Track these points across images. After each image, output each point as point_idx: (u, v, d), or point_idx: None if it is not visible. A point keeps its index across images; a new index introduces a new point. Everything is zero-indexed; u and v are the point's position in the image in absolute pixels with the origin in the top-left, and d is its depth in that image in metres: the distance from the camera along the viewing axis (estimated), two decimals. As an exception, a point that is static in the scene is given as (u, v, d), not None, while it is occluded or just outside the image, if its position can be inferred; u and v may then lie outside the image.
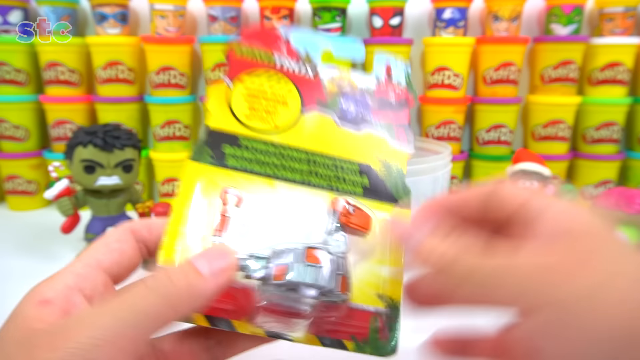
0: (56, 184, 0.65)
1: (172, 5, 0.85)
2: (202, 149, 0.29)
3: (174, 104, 0.87)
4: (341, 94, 0.31)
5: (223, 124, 0.30)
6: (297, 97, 0.31)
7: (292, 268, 0.25)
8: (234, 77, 0.31)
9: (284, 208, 0.28)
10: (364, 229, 0.28)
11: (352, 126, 0.31)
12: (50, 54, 0.85)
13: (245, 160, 0.29)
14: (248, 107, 0.30)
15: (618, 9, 0.86)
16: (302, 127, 0.30)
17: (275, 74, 0.31)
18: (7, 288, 0.58)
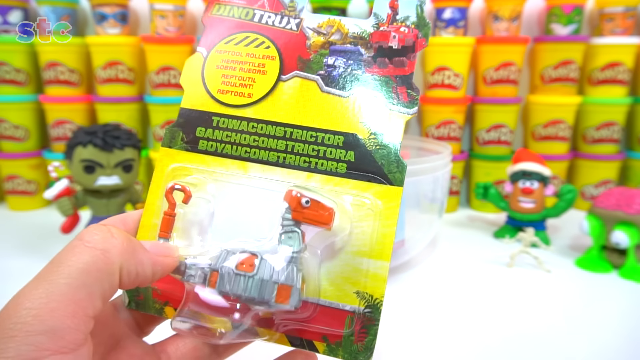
0: (56, 184, 0.65)
1: (172, 5, 0.85)
2: (174, 132, 0.27)
3: (174, 104, 0.87)
4: (328, 46, 0.27)
5: (196, 102, 0.28)
6: (276, 62, 0.27)
7: (222, 276, 0.23)
8: (210, 46, 0.29)
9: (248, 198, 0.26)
10: (322, 223, 0.24)
11: (339, 87, 0.26)
12: (50, 54, 0.85)
13: (217, 142, 0.27)
14: (221, 81, 0.28)
15: (618, 8, 0.86)
16: (279, 96, 0.27)
17: (254, 36, 0.28)
18: (7, 288, 0.58)
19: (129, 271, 0.21)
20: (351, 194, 0.25)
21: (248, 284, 0.23)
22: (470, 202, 0.96)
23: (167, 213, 0.25)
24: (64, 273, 0.19)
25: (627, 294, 0.57)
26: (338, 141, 0.26)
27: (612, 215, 0.63)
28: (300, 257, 0.24)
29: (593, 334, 0.48)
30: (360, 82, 0.26)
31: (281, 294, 0.23)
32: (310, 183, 0.26)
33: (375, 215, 0.25)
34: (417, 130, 0.98)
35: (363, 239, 0.25)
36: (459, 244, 0.74)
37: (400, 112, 0.26)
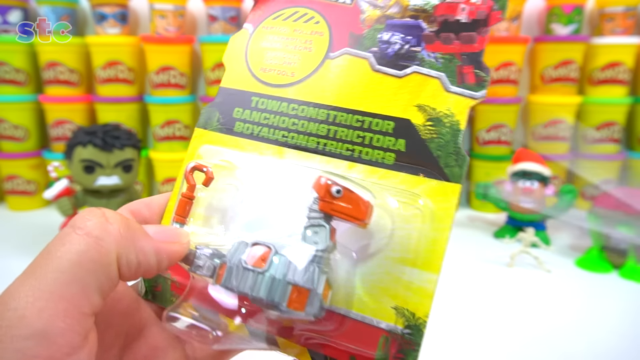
0: (56, 184, 0.65)
1: (172, 5, 0.85)
2: (211, 112, 0.26)
3: (174, 104, 0.87)
4: (384, 20, 0.24)
5: (236, 80, 0.26)
6: (325, 37, 0.25)
7: (230, 270, 0.20)
8: (257, 23, 0.27)
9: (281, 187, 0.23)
10: (355, 218, 0.20)
11: (393, 67, 0.23)
12: (49, 54, 0.85)
13: (254, 125, 0.25)
14: (265, 59, 0.26)
15: (618, 8, 0.86)
16: (325, 75, 0.24)
17: (304, 11, 0.26)
18: (7, 288, 0.58)
19: (128, 261, 0.18)
20: (398, 189, 0.21)
21: (257, 281, 0.19)
22: (470, 202, 0.95)
23: (185, 195, 0.23)
24: (52, 266, 0.17)
25: (627, 294, 0.57)
26: (387, 127, 0.22)
27: (613, 215, 0.63)
28: (326, 257, 0.20)
29: (593, 334, 0.48)
30: (419, 61, 0.23)
31: (295, 297, 0.19)
32: (351, 174, 0.22)
33: (424, 217, 0.21)
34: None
35: (408, 244, 0.21)
36: (459, 244, 0.74)
37: (464, 95, 0.22)
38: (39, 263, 0.17)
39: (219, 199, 0.24)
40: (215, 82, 0.87)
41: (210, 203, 0.24)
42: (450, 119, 0.22)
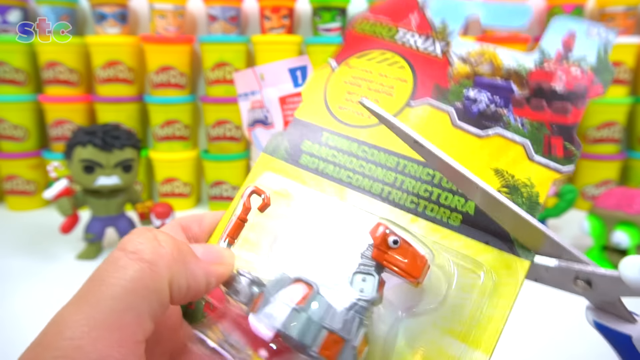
0: (55, 184, 0.65)
1: (172, 5, 0.85)
2: (279, 140, 0.26)
3: (174, 104, 0.87)
4: (473, 77, 0.23)
5: (311, 114, 0.26)
6: (408, 84, 0.24)
7: (267, 302, 0.19)
8: (342, 60, 0.27)
9: (334, 226, 0.22)
10: (408, 274, 0.19)
11: (475, 125, 0.22)
12: (49, 54, 0.84)
13: (320, 160, 0.24)
14: (345, 97, 0.25)
15: (618, 8, 0.86)
16: (403, 122, 0.23)
17: (391, 55, 0.25)
18: (7, 288, 0.57)
19: (179, 285, 0.18)
20: (460, 253, 0.20)
21: (292, 318, 0.18)
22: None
23: (239, 217, 0.22)
24: (106, 294, 0.16)
25: (628, 294, 0.57)
26: None
27: (613, 215, 0.63)
28: (369, 309, 0.19)
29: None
30: (504, 123, 0.22)
31: (329, 345, 0.18)
32: (412, 228, 0.21)
33: (483, 289, 0.19)
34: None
35: (460, 314, 0.19)
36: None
37: (549, 167, 0.20)
38: (92, 289, 0.17)
39: (271, 227, 0.23)
40: (215, 82, 0.87)
41: (262, 229, 0.23)
42: (528, 190, 0.20)
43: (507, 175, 0.21)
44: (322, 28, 0.86)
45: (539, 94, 0.22)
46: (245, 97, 0.64)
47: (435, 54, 0.25)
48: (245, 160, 0.90)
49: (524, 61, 0.23)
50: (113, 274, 0.17)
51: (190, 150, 0.91)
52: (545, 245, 0.19)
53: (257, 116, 0.62)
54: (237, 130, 0.88)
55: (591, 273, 0.18)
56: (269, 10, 0.85)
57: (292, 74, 0.55)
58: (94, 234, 0.66)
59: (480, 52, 0.24)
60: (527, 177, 0.20)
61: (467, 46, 0.24)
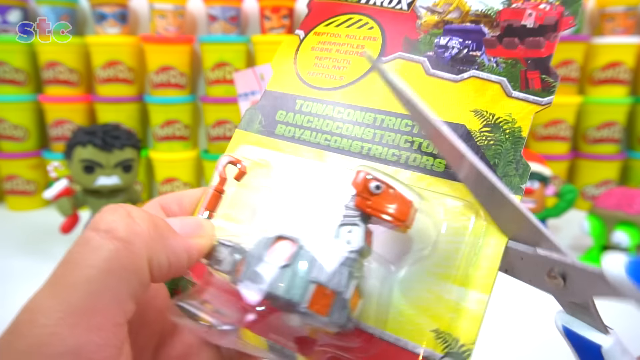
0: (55, 184, 0.65)
1: (172, 5, 0.85)
2: (253, 115, 0.25)
3: (174, 104, 0.87)
4: (442, 25, 0.23)
5: (282, 84, 0.25)
6: (378, 42, 0.24)
7: (248, 264, 0.18)
8: (309, 29, 0.26)
9: (314, 187, 0.22)
10: (394, 218, 0.18)
11: (449, 71, 0.22)
12: (49, 54, 0.84)
13: (296, 128, 0.24)
14: (314, 63, 0.25)
15: (619, 8, 0.86)
16: (375, 80, 0.23)
17: (358, 17, 0.25)
18: (7, 288, 0.57)
19: (159, 263, 0.17)
20: (448, 196, 0.19)
21: (277, 277, 0.17)
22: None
23: (216, 188, 0.22)
24: (81, 276, 0.15)
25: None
26: None
27: (613, 215, 0.63)
28: (358, 261, 0.18)
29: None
30: (478, 65, 0.22)
31: (318, 299, 0.17)
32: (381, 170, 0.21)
33: (476, 230, 0.19)
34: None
35: (455, 258, 0.18)
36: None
37: (528, 100, 0.20)
38: (65, 273, 0.16)
39: (251, 197, 0.23)
40: (215, 82, 0.87)
41: (241, 200, 0.23)
42: (510, 125, 0.20)
43: (487, 114, 0.21)
44: (322, 28, 0.86)
45: (510, 32, 0.22)
46: (245, 97, 0.64)
47: (402, 9, 0.25)
48: (245, 160, 0.90)
49: (492, 3, 0.23)
50: (86, 255, 0.16)
51: (190, 150, 0.91)
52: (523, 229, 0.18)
53: (257, 116, 0.62)
54: (237, 130, 0.88)
55: (569, 265, 0.17)
56: (269, 10, 0.85)
57: (292, 74, 0.55)
58: (94, 234, 0.66)
59: (446, 0, 0.24)
60: (507, 114, 0.20)
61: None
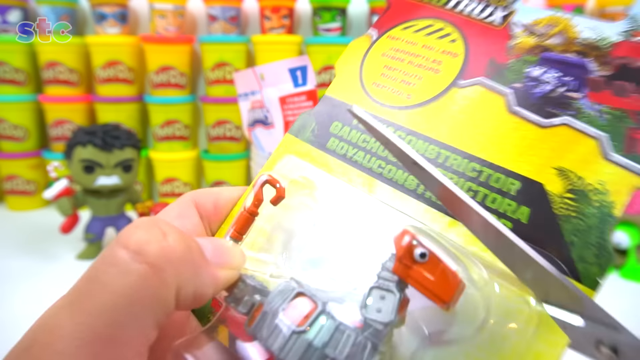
0: (55, 184, 0.65)
1: (172, 5, 0.85)
2: (307, 121, 0.23)
3: (174, 104, 0.87)
4: (539, 52, 0.19)
5: (343, 91, 0.23)
6: (457, 60, 0.21)
7: (264, 315, 0.16)
8: (384, 31, 0.23)
9: (357, 225, 0.19)
10: (436, 295, 0.15)
11: (537, 111, 0.18)
12: (49, 54, 0.84)
13: (350, 145, 0.21)
14: (381, 72, 0.22)
15: (618, 8, 0.86)
16: (447, 105, 0.20)
17: (441, 25, 0.22)
18: (7, 288, 0.57)
19: (186, 293, 0.15)
20: (504, 271, 0.16)
21: (289, 342, 0.15)
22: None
23: (249, 210, 0.19)
24: (107, 302, 0.14)
25: (627, 294, 0.57)
26: (510, 187, 0.17)
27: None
28: (386, 333, 0.16)
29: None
30: (574, 111, 0.18)
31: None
32: (449, 234, 0.18)
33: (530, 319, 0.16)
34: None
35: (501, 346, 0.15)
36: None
37: (630, 169, 0.16)
38: (89, 293, 0.14)
39: (289, 219, 0.20)
40: (215, 82, 0.87)
41: (278, 221, 0.20)
42: (601, 197, 0.16)
43: (573, 176, 0.17)
44: (322, 28, 0.86)
45: (625, 74, 0.17)
46: (245, 97, 0.64)
47: (493, 23, 0.21)
48: (245, 160, 0.90)
49: (607, 32, 0.19)
50: (114, 278, 0.14)
51: (190, 150, 0.91)
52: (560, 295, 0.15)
53: (257, 116, 0.62)
54: (237, 130, 0.88)
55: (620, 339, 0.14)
56: (269, 10, 0.85)
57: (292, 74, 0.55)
58: (94, 234, 0.66)
59: (550, 21, 0.19)
60: (599, 181, 0.16)
61: (535, 13, 0.20)
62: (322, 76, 0.85)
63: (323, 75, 0.85)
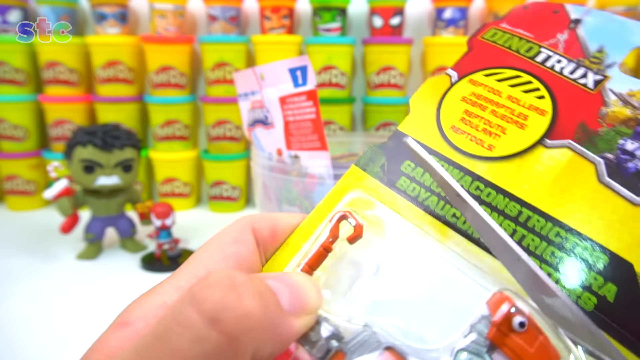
0: (55, 184, 0.65)
1: (172, 5, 0.85)
2: (376, 154, 0.22)
3: (174, 104, 0.87)
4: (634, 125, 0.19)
5: (419, 130, 0.22)
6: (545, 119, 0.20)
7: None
8: (465, 74, 0.22)
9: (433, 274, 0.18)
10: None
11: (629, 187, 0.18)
12: (49, 54, 0.84)
13: (422, 188, 0.20)
14: (460, 117, 0.21)
15: (618, 8, 0.86)
16: (532, 163, 0.19)
17: (528, 79, 0.21)
18: (7, 288, 0.57)
19: (261, 356, 0.15)
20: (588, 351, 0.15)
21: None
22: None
23: (325, 246, 0.19)
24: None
25: None
26: (597, 260, 0.17)
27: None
28: None
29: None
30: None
31: None
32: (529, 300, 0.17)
33: None
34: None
35: None
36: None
37: None
38: (158, 354, 0.13)
39: (354, 257, 0.19)
40: (215, 82, 0.87)
41: (342, 258, 0.20)
42: None
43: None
44: (322, 28, 0.86)
45: None
46: (245, 97, 0.64)
47: (586, 86, 0.20)
48: (245, 160, 0.90)
49: None
50: (187, 344, 0.13)
51: (190, 150, 0.91)
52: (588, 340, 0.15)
53: (257, 116, 0.62)
54: (237, 130, 0.88)
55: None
56: (269, 10, 0.85)
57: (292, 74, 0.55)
58: (94, 234, 0.66)
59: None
60: None
61: (631, 83, 0.19)
62: (322, 76, 0.85)
63: (323, 75, 0.85)
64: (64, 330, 0.48)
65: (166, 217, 0.65)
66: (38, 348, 0.45)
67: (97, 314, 0.50)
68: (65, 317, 0.50)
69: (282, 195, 0.60)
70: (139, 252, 0.68)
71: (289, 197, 0.59)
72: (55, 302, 0.53)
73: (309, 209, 0.57)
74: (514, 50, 0.22)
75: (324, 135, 0.53)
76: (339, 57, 0.85)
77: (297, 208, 0.59)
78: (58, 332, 0.47)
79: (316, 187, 0.55)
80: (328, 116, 0.86)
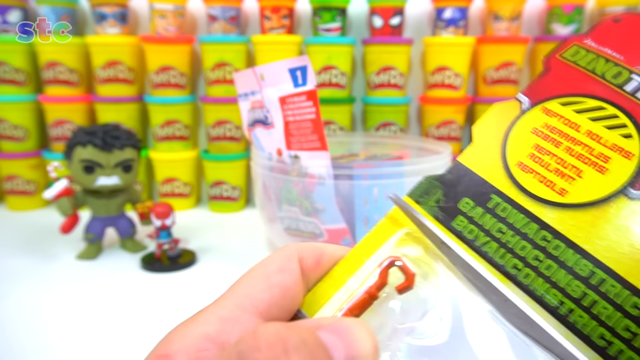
0: (55, 184, 0.65)
1: (172, 5, 0.85)
2: (432, 187, 0.20)
3: (174, 104, 0.87)
4: None
5: (481, 164, 0.19)
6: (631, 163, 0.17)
7: None
8: (539, 100, 0.20)
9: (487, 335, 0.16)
10: None
11: None
12: (49, 54, 0.84)
13: (482, 232, 0.18)
14: (529, 153, 0.19)
15: (619, 8, 0.86)
16: (612, 217, 0.16)
17: (613, 112, 0.18)
18: (7, 288, 0.58)
19: None
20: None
21: None
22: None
23: (370, 292, 0.17)
24: None
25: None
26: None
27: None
28: None
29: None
30: None
31: None
32: None
33: None
34: (417, 130, 0.98)
35: None
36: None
37: None
38: None
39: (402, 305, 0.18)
40: (215, 82, 0.87)
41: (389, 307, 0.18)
42: None
43: None
44: (322, 28, 0.86)
45: None
46: (245, 97, 0.64)
47: None
48: (245, 160, 0.90)
49: None
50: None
51: (190, 150, 0.91)
52: None
53: (257, 116, 0.62)
54: (237, 130, 0.88)
55: None
56: (269, 10, 0.85)
57: (292, 74, 0.55)
58: (94, 234, 0.66)
59: None
60: None
61: None
62: (322, 76, 0.85)
63: (323, 75, 0.85)
64: (64, 331, 0.48)
65: (166, 217, 0.65)
66: (38, 348, 0.45)
67: (97, 314, 0.50)
68: (65, 317, 0.50)
69: (282, 195, 0.60)
70: (139, 252, 0.68)
71: (289, 197, 0.59)
72: (55, 302, 0.53)
73: (309, 209, 0.57)
74: (598, 74, 0.19)
75: (324, 135, 0.53)
76: (339, 57, 0.85)
77: (297, 208, 0.59)
78: (58, 332, 0.47)
79: (316, 187, 0.55)
80: (328, 116, 0.86)
